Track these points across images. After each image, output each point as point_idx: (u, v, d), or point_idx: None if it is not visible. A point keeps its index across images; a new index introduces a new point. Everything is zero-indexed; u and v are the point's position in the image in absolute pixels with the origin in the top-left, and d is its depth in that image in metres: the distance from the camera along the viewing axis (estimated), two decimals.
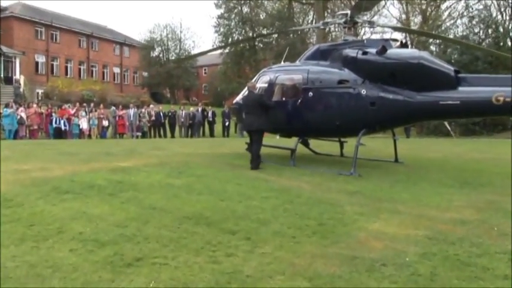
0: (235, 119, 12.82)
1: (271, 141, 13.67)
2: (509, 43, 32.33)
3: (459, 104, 9.27)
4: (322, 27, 11.47)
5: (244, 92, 11.89)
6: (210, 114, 28.06)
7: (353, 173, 9.56)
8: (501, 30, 33.39)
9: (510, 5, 35.92)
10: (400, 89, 9.71)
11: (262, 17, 52.85)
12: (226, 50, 53.44)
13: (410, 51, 10.20)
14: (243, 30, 52.91)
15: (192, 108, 28.59)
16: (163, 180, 8.37)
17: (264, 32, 51.82)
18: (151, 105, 30.11)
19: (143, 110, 26.47)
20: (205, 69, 67.06)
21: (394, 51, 9.85)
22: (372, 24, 11.37)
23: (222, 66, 56.66)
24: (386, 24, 12.23)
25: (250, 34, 51.83)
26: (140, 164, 10.48)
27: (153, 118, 25.98)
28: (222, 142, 19.59)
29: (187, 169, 9.76)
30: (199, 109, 28.18)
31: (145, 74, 57.50)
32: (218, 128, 28.25)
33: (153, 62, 56.69)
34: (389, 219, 6.20)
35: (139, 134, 25.30)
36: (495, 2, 38.28)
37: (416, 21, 47.02)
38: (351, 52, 10.22)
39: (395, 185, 8.61)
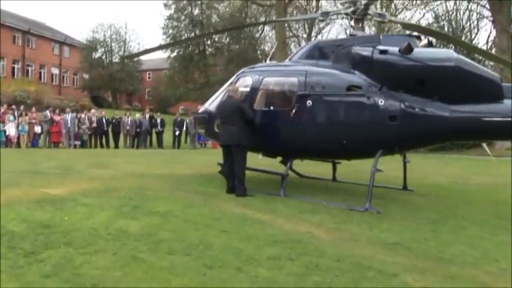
0: (203, 132, 10.08)
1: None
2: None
3: (510, 122, 7.10)
4: (320, 18, 9.06)
5: (218, 97, 9.35)
6: (158, 122, 24.99)
7: (369, 209, 7.24)
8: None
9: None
10: (430, 100, 7.49)
11: (213, 20, 50.17)
12: (174, 54, 50.56)
13: (444, 52, 7.95)
14: (193, 33, 49.98)
15: (138, 115, 25.40)
16: (113, 223, 5.70)
17: (217, 36, 49.19)
18: (92, 110, 26.68)
19: (83, 116, 23.11)
20: (149, 74, 64.21)
21: (422, 51, 7.60)
22: (383, 17, 9.14)
23: (169, 71, 53.69)
24: (399, 20, 9.84)
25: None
26: (78, 191, 7.73)
27: (95, 125, 22.73)
28: (176, 156, 16.81)
29: (143, 201, 7.09)
30: (147, 116, 25.03)
31: (86, 76, 53.52)
32: (166, 137, 25.26)
33: (95, 64, 52.82)
34: None
35: (77, 143, 21.95)
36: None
37: (370, 33, 46.13)
38: (363, 50, 7.88)
39: (437, 229, 6.31)
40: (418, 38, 8.14)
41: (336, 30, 73.07)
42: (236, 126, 8.03)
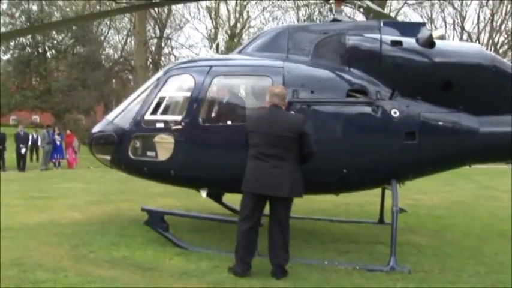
0: (108, 159, 6.44)
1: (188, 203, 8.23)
2: None
3: None
4: None
5: (133, 106, 6.22)
6: None
7: (396, 267, 5.02)
8: None
9: None
10: (455, 110, 5.57)
11: (55, 19, 44.14)
12: (7, 56, 44.27)
13: (474, 47, 6.13)
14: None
15: None
16: None
17: (58, 37, 43.52)
18: None
19: None
20: None
21: (448, 44, 5.78)
22: (362, 1, 6.92)
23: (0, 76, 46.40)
24: (373, 6, 7.55)
25: (39, 38, 42.93)
26: None
27: None
28: (37, 185, 12.07)
29: None
30: None
31: None
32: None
33: None
34: None
35: None
36: None
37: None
38: (365, 41, 5.62)
39: None
40: (424, 25, 6.15)
41: (187, 32, 70.90)
42: (290, 164, 4.80)
